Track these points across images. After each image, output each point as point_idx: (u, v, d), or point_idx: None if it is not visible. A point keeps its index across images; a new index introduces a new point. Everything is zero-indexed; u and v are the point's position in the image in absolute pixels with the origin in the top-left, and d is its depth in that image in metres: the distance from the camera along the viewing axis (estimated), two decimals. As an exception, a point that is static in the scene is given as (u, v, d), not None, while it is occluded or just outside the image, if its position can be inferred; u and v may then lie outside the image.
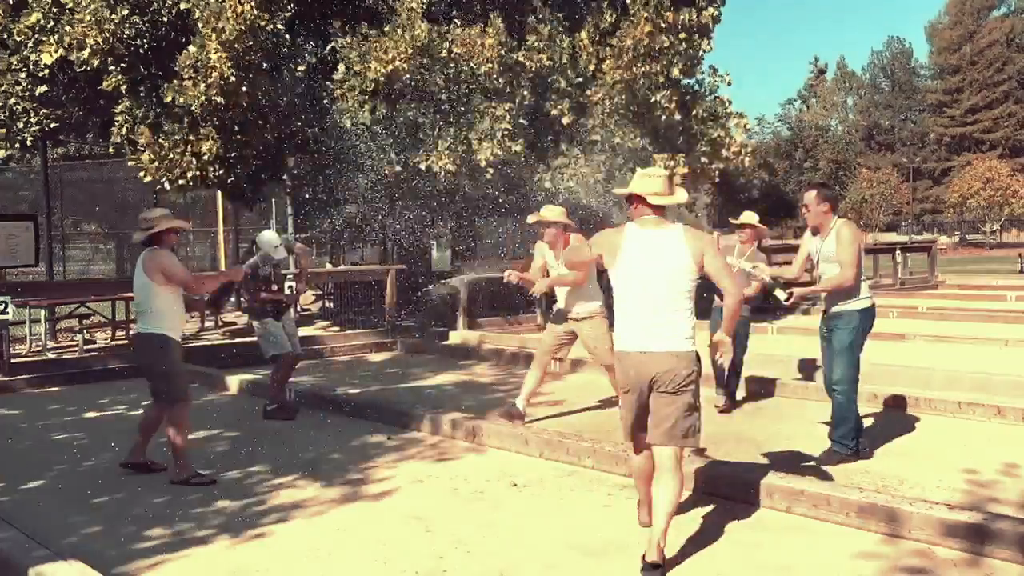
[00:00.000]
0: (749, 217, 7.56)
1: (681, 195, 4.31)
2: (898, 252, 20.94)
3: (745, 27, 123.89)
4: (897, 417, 7.04)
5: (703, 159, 12.28)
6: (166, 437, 5.74)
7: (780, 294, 5.88)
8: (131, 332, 5.83)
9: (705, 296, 4.72)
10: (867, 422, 6.88)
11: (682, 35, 11.57)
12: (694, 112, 12.21)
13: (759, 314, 12.54)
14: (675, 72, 11.43)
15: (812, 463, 5.72)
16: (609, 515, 4.79)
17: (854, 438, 5.72)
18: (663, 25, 11.37)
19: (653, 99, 11.31)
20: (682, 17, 11.51)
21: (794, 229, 56.41)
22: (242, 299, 17.28)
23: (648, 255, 4.09)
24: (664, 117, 11.51)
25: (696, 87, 12.94)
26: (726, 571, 3.98)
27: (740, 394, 7.77)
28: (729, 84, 12.72)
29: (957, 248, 51.04)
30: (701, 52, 11.99)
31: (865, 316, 5.72)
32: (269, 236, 7.57)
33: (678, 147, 12.08)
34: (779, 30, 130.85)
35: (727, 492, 4.97)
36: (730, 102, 12.66)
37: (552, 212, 6.95)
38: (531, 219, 7.11)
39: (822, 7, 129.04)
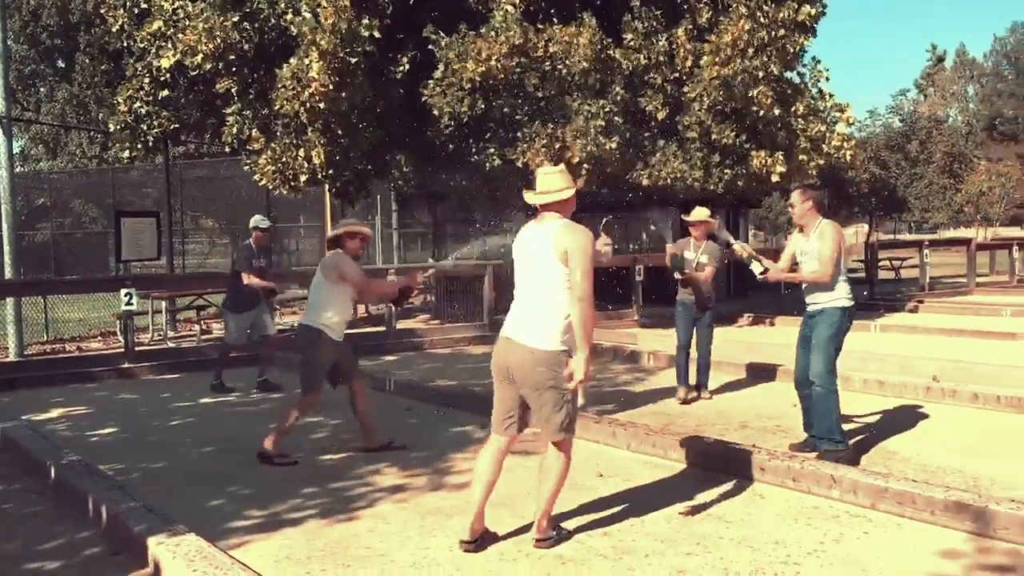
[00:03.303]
0: (700, 213, 7.99)
1: (570, 191, 4.27)
2: (1015, 247, 20.06)
3: (858, 15, 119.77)
4: (998, 418, 6.86)
5: (802, 156, 12.06)
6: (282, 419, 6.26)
7: (756, 267, 6.00)
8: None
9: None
10: (968, 424, 6.76)
11: (782, 31, 11.39)
12: (793, 108, 12.01)
13: (862, 312, 12.28)
14: (774, 69, 11.27)
15: (902, 461, 5.67)
16: (691, 505, 4.87)
17: (840, 432, 5.71)
18: (763, 21, 11.23)
19: (751, 94, 11.18)
20: (782, 14, 11.33)
21: (908, 223, 54.35)
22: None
23: (524, 249, 4.26)
24: (762, 113, 11.38)
25: (797, 81, 12.72)
26: (804, 563, 4.03)
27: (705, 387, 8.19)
28: (827, 79, 12.45)
29: (1087, 243, 48.20)
30: (800, 48, 11.76)
31: (846, 315, 5.79)
32: (256, 218, 9.13)
33: (777, 143, 11.91)
34: (893, 17, 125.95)
35: (809, 487, 4.99)
36: (831, 95, 12.39)
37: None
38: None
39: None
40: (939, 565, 3.98)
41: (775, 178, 11.73)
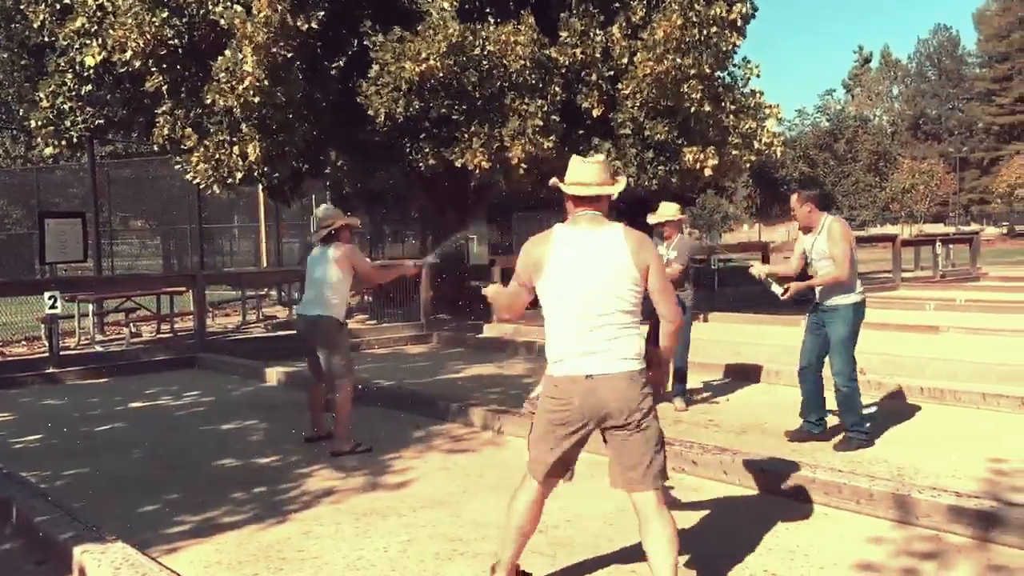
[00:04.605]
0: (667, 209, 7.29)
1: (620, 184, 3.65)
2: (938, 244, 20.70)
3: (789, 17, 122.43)
4: (921, 409, 7.07)
5: (734, 151, 12.30)
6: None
7: (776, 289, 6.09)
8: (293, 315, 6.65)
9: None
10: (892, 415, 6.94)
11: (714, 29, 11.59)
12: (724, 104, 12.23)
13: (798, 306, 12.57)
14: (705, 67, 11.45)
15: (830, 452, 5.81)
16: (626, 501, 4.92)
17: (866, 423, 5.93)
18: (695, 19, 11.42)
19: (683, 90, 11.34)
20: (713, 12, 11.53)
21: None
22: (282, 292, 17.68)
23: (582, 259, 3.39)
24: (694, 109, 11.56)
25: (728, 79, 12.96)
26: (738, 554, 4.10)
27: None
28: (758, 76, 12.73)
29: (1005, 239, 50.10)
30: (731, 47, 11.99)
31: (858, 310, 5.95)
32: (323, 207, 7.91)
33: (709, 139, 12.11)
34: (823, 19, 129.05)
35: (740, 479, 5.08)
36: (761, 93, 12.67)
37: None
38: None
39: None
40: (865, 552, 4.09)
41: (708, 172, 11.93)
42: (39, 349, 12.34)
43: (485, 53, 11.22)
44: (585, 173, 3.52)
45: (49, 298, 10.03)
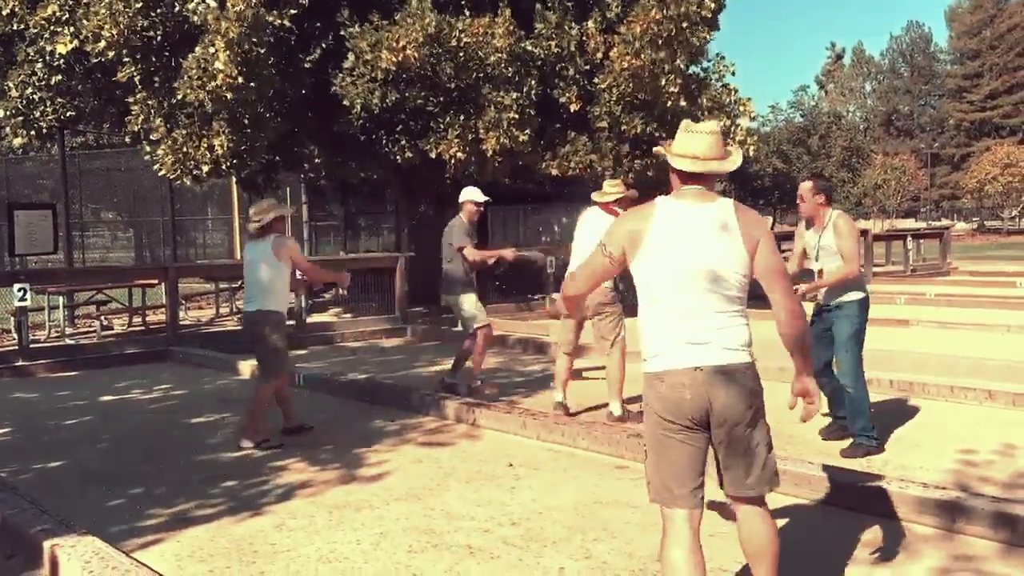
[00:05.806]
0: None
1: (735, 159, 3.20)
2: (909, 239, 20.93)
3: (763, 12, 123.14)
4: (891, 402, 7.16)
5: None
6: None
7: None
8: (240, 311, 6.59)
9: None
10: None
11: (684, 24, 11.63)
12: (699, 101, 12.30)
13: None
14: (680, 63, 11.50)
15: (811, 446, 5.87)
16: (598, 493, 4.96)
17: (873, 428, 5.72)
18: (669, 14, 11.46)
19: (660, 83, 11.38)
20: (683, 9, 11.58)
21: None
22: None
23: (686, 236, 3.00)
24: (670, 103, 11.60)
25: (703, 75, 13.02)
26: (706, 545, 4.11)
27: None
28: (733, 74, 12.81)
29: (975, 235, 50.77)
30: (704, 42, 12.04)
31: (863, 306, 5.83)
32: (472, 190, 7.86)
33: (685, 134, 12.18)
34: (797, 15, 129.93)
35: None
36: (736, 90, 12.73)
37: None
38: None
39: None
40: (833, 544, 4.14)
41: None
42: (8, 342, 12.19)
43: (461, 44, 11.20)
44: (697, 145, 3.09)
45: (19, 290, 9.91)
